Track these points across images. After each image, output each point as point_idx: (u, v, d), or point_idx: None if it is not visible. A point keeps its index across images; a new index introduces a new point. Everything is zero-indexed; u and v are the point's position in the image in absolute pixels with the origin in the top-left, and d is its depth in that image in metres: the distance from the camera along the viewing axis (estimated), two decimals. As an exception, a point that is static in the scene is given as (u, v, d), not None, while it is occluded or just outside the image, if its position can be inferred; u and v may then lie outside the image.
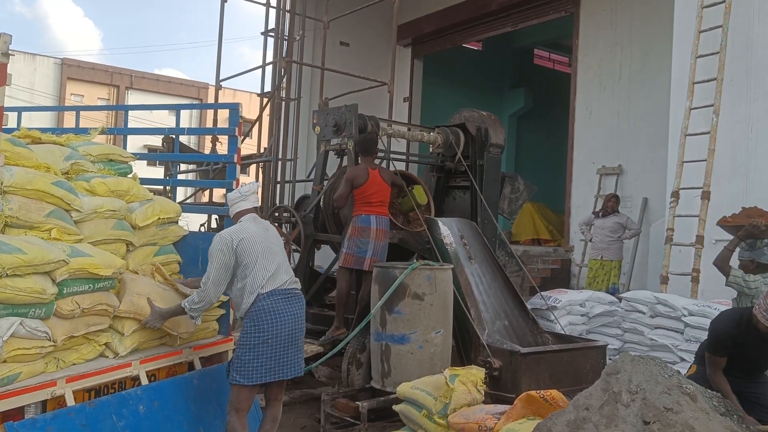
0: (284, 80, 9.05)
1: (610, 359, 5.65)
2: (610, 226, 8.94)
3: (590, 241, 9.42)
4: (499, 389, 5.02)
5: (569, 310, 6.53)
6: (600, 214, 9.17)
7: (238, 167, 4.64)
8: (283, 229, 7.33)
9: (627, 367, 3.04)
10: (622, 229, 8.93)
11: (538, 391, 3.88)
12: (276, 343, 3.74)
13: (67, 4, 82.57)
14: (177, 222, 4.68)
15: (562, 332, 6.13)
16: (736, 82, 7.15)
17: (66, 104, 29.72)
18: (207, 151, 12.74)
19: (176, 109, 5.28)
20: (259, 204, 4.15)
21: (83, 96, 32.54)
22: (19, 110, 5.76)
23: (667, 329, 5.94)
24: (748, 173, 7.02)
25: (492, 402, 4.52)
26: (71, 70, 32.74)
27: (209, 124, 16.19)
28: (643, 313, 6.17)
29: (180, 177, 9.92)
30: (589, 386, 3.16)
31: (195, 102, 33.47)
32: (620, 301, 6.60)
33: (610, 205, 9.07)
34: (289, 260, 7.42)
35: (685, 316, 5.74)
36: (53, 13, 78.90)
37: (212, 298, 3.84)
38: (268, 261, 3.88)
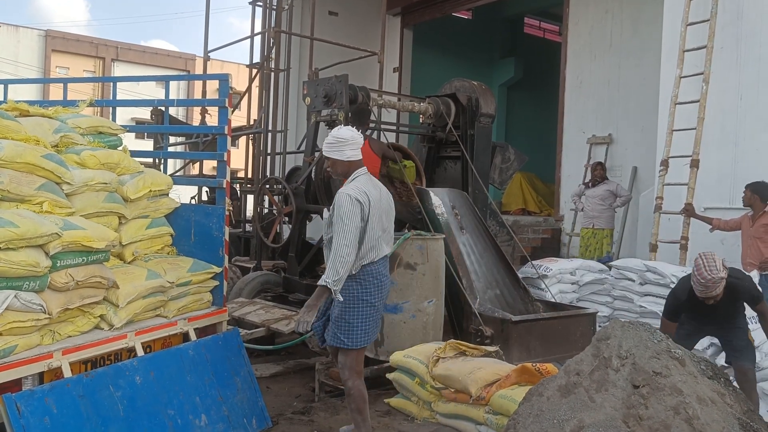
0: (273, 51, 8.96)
1: (599, 327, 5.73)
2: (600, 194, 8.99)
3: (581, 210, 9.47)
4: (490, 357, 5.09)
5: (560, 278, 6.60)
6: (590, 183, 9.22)
7: (229, 139, 4.61)
8: (276, 199, 7.33)
9: (617, 333, 3.09)
10: (612, 196, 8.98)
11: (533, 364, 3.96)
12: (381, 306, 3.73)
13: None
14: (168, 194, 4.66)
15: (553, 300, 6.21)
16: (727, 50, 7.15)
17: (51, 77, 29.27)
18: (196, 124, 12.64)
19: (165, 80, 5.23)
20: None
21: (68, 68, 32.06)
22: (5, 83, 5.68)
23: (656, 296, 6.00)
24: (737, 141, 7.06)
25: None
26: (56, 42, 32.21)
27: (197, 96, 16.06)
28: (633, 281, 6.24)
29: (169, 149, 9.85)
30: (579, 353, 3.21)
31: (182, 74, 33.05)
32: (610, 269, 6.67)
33: (598, 173, 9.14)
34: (281, 231, 7.48)
35: (674, 283, 5.80)
36: (37, -18, 77.26)
37: (350, 262, 3.56)
38: (381, 226, 3.74)
